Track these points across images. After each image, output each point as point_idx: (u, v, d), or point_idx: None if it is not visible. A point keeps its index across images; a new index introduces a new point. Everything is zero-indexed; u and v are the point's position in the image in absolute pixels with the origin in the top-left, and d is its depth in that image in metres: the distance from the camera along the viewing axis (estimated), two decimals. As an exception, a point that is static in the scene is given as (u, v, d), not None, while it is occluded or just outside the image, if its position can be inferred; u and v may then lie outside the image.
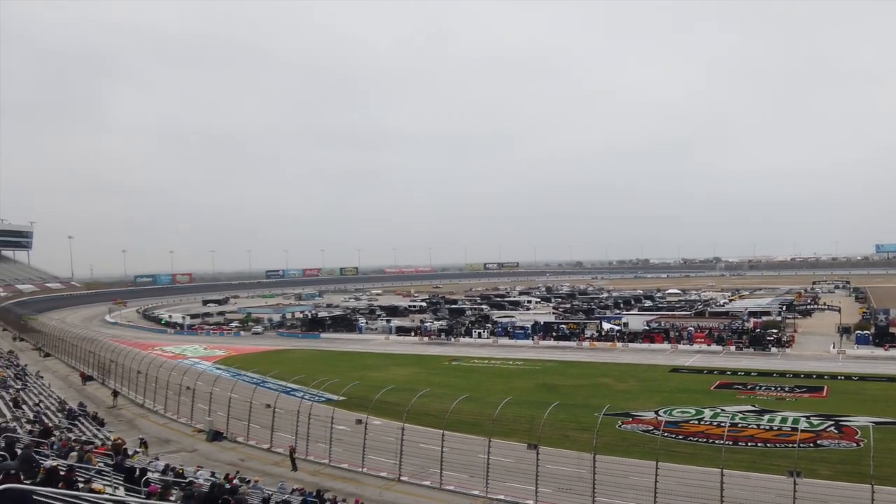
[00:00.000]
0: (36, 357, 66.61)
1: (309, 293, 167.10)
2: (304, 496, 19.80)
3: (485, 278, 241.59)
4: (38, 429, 26.38)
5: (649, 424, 32.18)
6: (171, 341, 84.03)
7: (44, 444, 20.65)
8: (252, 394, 35.63)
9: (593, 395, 40.56)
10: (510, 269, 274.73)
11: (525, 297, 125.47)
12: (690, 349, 60.25)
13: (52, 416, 34.03)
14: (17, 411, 32.67)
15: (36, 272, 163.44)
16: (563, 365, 54.45)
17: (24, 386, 42.10)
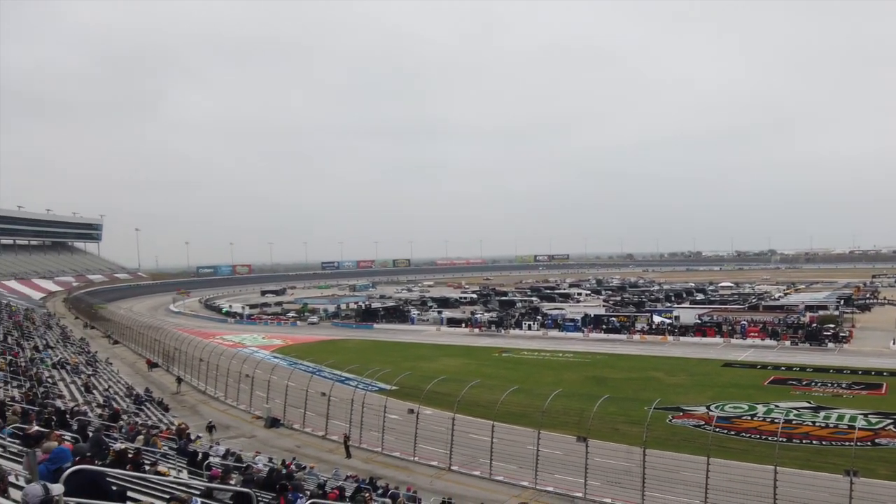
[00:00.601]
0: (105, 344, 68.73)
1: (363, 284, 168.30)
2: (357, 483, 20.15)
3: (535, 270, 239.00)
4: (107, 413, 27.40)
5: (701, 419, 31.69)
6: (232, 330, 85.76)
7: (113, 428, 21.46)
8: (308, 382, 36.29)
9: (643, 388, 40.09)
10: (560, 262, 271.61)
11: (575, 289, 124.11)
12: (743, 343, 58.87)
13: (120, 401, 35.25)
14: (88, 396, 33.95)
15: (105, 263, 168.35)
16: (613, 358, 53.90)
17: (94, 372, 43.60)
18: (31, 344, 46.36)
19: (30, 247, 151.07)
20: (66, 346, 53.70)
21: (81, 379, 38.77)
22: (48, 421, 17.08)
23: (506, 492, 23.87)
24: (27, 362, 36.88)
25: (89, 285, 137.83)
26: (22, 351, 41.09)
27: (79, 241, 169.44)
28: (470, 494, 23.46)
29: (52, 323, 71.01)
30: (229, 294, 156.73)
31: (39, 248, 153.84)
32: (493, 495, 23.31)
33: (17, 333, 49.75)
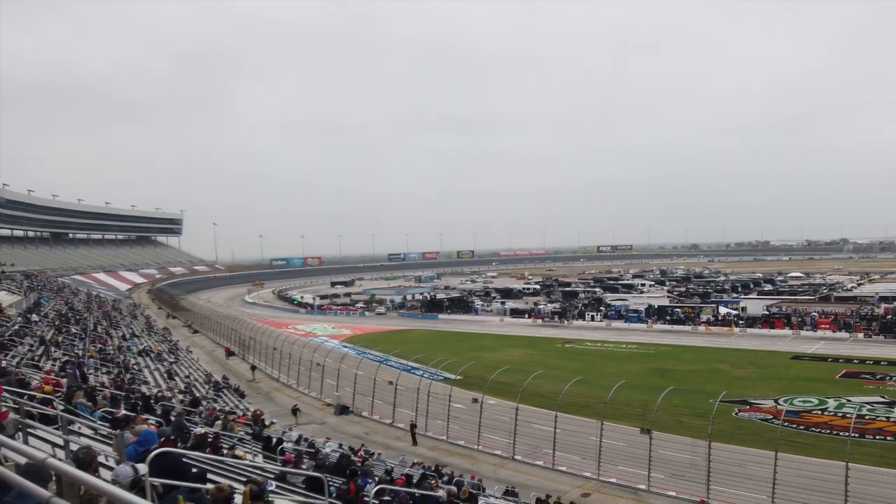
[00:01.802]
0: (186, 333, 71.14)
1: (428, 276, 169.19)
2: (423, 470, 20.36)
3: (598, 261, 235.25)
4: (188, 398, 28.42)
5: (768, 413, 30.76)
6: (303, 320, 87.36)
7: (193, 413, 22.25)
8: (376, 371, 36.76)
9: (708, 380, 39.14)
10: (624, 252, 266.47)
11: (639, 280, 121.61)
12: (814, 335, 56.64)
13: (199, 388, 36.50)
14: (170, 382, 35.28)
15: (185, 256, 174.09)
16: (677, 349, 52.73)
17: (176, 360, 45.20)
18: (118, 333, 48.34)
19: (116, 241, 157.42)
20: (151, 335, 55.80)
21: (164, 366, 40.26)
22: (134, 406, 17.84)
23: (569, 482, 23.75)
24: (115, 350, 38.48)
25: (171, 277, 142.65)
26: (110, 339, 42.88)
27: (161, 235, 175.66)
28: (533, 484, 23.43)
29: (138, 313, 73.81)
30: (301, 285, 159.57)
31: (125, 242, 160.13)
32: (556, 485, 23.21)
33: (107, 323, 51.94)
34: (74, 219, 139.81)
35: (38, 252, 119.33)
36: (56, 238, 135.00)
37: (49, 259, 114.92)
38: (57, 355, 26.96)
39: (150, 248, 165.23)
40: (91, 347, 34.73)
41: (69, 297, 63.83)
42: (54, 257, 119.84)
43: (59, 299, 56.39)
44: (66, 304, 53.74)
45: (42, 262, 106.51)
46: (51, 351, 27.59)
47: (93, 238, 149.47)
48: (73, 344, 33.57)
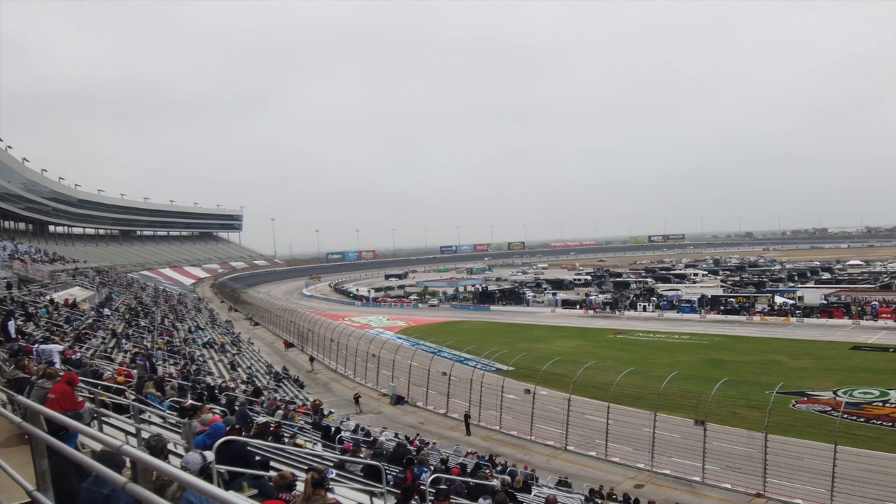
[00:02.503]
0: (247, 326, 72.73)
1: (479, 267, 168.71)
2: (477, 459, 20.46)
3: (649, 251, 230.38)
4: (250, 389, 29.14)
5: (827, 405, 29.84)
6: (359, 312, 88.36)
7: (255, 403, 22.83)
8: (430, 362, 36.99)
9: (764, 371, 38.14)
10: (675, 242, 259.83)
11: (691, 269, 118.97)
12: (875, 325, 54.52)
13: (261, 378, 37.35)
14: (233, 373, 36.19)
15: (245, 251, 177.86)
16: (731, 340, 51.52)
17: (238, 351, 46.33)
18: (184, 326, 49.76)
19: (181, 237, 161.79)
20: (214, 328, 57.30)
21: (227, 357, 41.31)
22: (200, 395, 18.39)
23: (622, 473, 23.56)
24: (181, 342, 39.66)
25: (232, 272, 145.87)
26: (177, 332, 44.17)
27: (222, 231, 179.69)
28: (586, 475, 23.31)
29: (202, 306, 75.81)
30: (356, 278, 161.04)
31: (189, 238, 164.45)
32: (609, 476, 23.04)
33: (173, 316, 53.51)
34: (141, 217, 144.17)
35: (109, 249, 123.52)
36: (125, 235, 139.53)
37: (118, 255, 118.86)
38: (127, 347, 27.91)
39: (212, 244, 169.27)
40: (159, 340, 35.87)
41: (138, 291, 65.95)
42: (123, 254, 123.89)
43: (128, 294, 58.32)
44: (135, 299, 55.55)
45: (112, 258, 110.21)
46: (122, 343, 28.58)
47: (158, 235, 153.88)
48: (143, 336, 34.71)
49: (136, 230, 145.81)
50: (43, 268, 51.55)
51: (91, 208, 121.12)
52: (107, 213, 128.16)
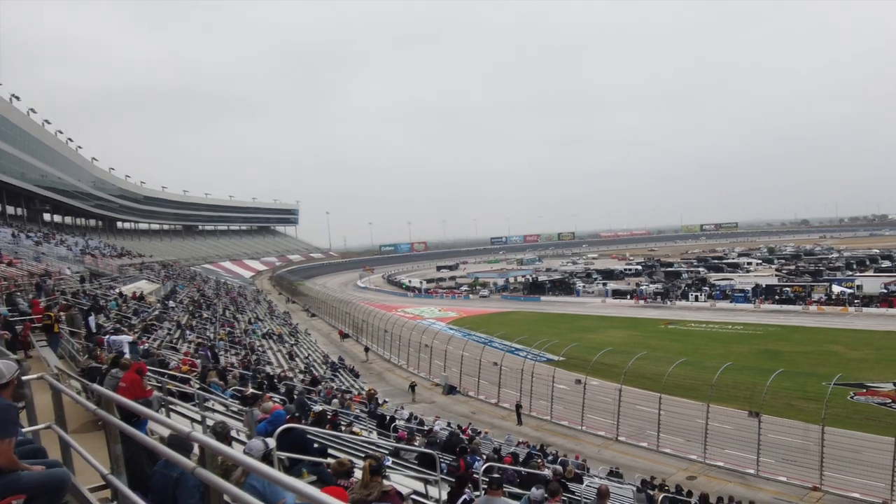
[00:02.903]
0: (304, 317, 73.94)
1: (529, 258, 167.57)
2: (529, 449, 20.46)
3: (701, 240, 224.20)
4: (308, 378, 29.69)
5: (887, 397, 28.80)
6: (411, 303, 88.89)
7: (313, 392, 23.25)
8: (481, 352, 37.08)
9: (821, 363, 36.99)
10: (728, 230, 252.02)
11: (745, 258, 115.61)
12: (938, 315, 52.36)
13: (318, 368, 38.00)
14: (291, 363, 36.92)
15: (302, 244, 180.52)
16: (786, 330, 50.09)
17: (296, 342, 47.19)
18: (244, 317, 50.93)
19: (240, 231, 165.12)
20: (273, 319, 58.47)
21: (286, 348, 42.14)
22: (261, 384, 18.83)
23: (674, 464, 23.24)
24: (242, 333, 40.60)
25: (289, 264, 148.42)
26: (237, 323, 45.24)
27: (279, 224, 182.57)
28: (637, 465, 23.08)
29: (261, 298, 77.42)
30: (408, 270, 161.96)
31: (248, 232, 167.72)
32: (661, 467, 22.76)
33: (234, 308, 54.81)
34: (202, 212, 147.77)
35: (173, 243, 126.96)
36: (187, 230, 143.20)
37: (182, 250, 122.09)
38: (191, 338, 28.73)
39: (269, 238, 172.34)
40: (221, 331, 36.81)
41: (200, 284, 67.75)
42: (186, 248, 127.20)
43: (191, 287, 59.96)
44: (198, 291, 57.09)
45: (176, 252, 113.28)
46: (186, 334, 29.43)
47: (219, 229, 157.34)
48: (205, 328, 35.68)
49: (197, 225, 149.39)
50: (112, 262, 53.38)
51: (156, 204, 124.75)
52: (170, 209, 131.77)
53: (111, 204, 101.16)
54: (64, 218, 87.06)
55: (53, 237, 58.01)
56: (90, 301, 25.81)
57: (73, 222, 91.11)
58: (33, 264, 34.40)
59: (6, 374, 4.10)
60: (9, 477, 3.84)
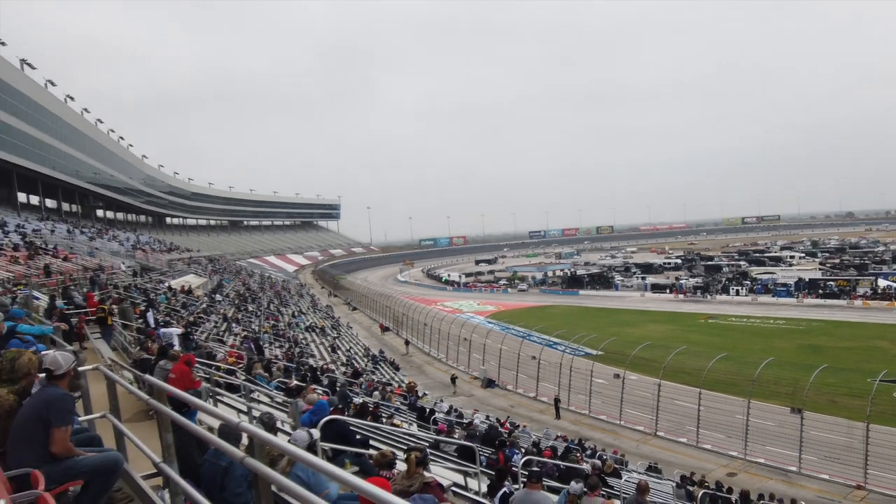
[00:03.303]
0: (346, 310, 74.56)
1: (568, 252, 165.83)
2: (567, 443, 20.34)
3: (742, 233, 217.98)
4: (349, 370, 29.97)
5: (934, 394, 27.90)
6: (450, 297, 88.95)
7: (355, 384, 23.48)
8: (519, 346, 36.91)
9: (866, 358, 35.87)
10: (770, 223, 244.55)
11: (787, 251, 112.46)
12: None
13: (359, 360, 38.33)
14: (333, 355, 37.32)
15: (343, 238, 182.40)
16: (830, 325, 48.64)
17: (338, 335, 47.69)
18: (288, 311, 51.64)
19: (284, 226, 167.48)
20: (315, 313, 59.17)
21: (328, 341, 42.59)
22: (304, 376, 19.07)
23: (713, 461, 22.85)
24: (286, 326, 41.19)
25: (331, 259, 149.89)
26: (281, 316, 45.91)
27: (322, 220, 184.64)
28: (676, 461, 22.75)
29: (304, 292, 78.40)
30: (447, 264, 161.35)
31: (291, 227, 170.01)
32: (700, 463, 22.41)
33: (278, 301, 55.63)
34: (248, 207, 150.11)
35: (219, 238, 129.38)
36: (233, 225, 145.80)
37: (227, 244, 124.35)
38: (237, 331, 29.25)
39: (312, 232, 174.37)
40: (265, 324, 37.39)
41: (246, 278, 68.89)
42: (232, 243, 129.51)
43: (237, 281, 61.02)
44: (243, 285, 58.08)
45: (222, 247, 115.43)
46: (232, 327, 29.98)
47: (263, 224, 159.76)
48: (251, 321, 36.29)
49: (243, 220, 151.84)
50: (161, 257, 54.63)
51: (203, 200, 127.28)
52: (217, 204, 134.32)
53: (160, 200, 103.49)
54: (116, 214, 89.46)
55: (106, 233, 59.60)
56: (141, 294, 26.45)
57: (124, 218, 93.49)
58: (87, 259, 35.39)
59: (63, 366, 4.22)
60: (66, 463, 3.96)
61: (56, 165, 57.79)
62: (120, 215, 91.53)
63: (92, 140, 70.63)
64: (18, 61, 51.08)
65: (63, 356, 4.28)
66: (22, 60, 51.60)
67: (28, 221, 44.70)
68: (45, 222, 48.60)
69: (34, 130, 52.38)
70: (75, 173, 63.30)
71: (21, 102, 50.19)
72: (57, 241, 38.41)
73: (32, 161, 51.75)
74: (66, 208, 67.21)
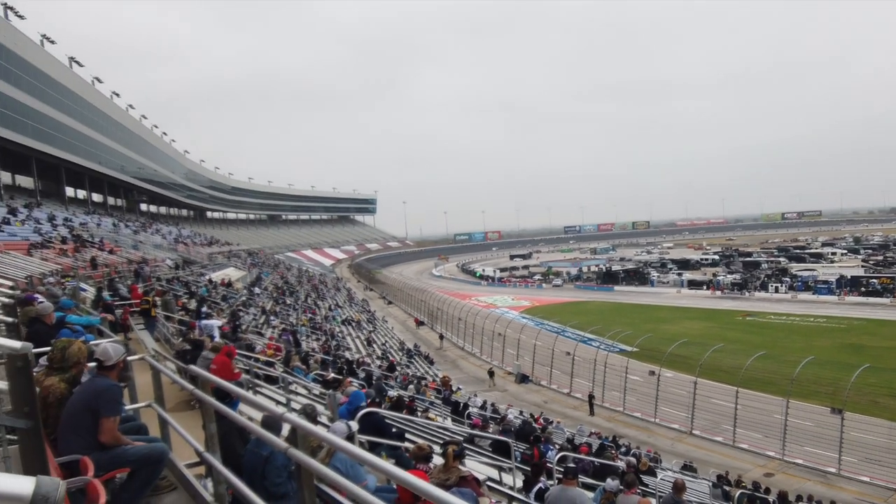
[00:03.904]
0: (381, 304, 74.91)
1: (603, 247, 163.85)
2: (601, 440, 20.16)
3: (782, 229, 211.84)
4: (385, 364, 30.14)
5: (981, 397, 26.98)
6: (485, 292, 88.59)
7: (390, 377, 23.61)
8: (554, 342, 36.72)
9: (910, 359, 34.92)
10: (811, 219, 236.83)
11: (829, 248, 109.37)
12: None
13: (394, 354, 38.53)
14: (369, 349, 37.59)
15: (379, 233, 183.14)
16: (873, 324, 47.17)
17: (373, 328, 48.01)
18: (325, 304, 52.15)
19: (321, 220, 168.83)
20: (351, 306, 59.65)
21: (364, 334, 42.91)
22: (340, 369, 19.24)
23: (750, 461, 22.43)
24: (323, 319, 41.59)
25: (367, 253, 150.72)
26: (318, 310, 46.36)
27: (358, 214, 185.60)
28: (712, 460, 22.40)
29: (340, 286, 79.04)
30: (482, 259, 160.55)
31: (328, 221, 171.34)
32: (737, 463, 22.01)
33: (315, 295, 56.21)
34: (286, 202, 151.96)
35: (258, 232, 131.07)
36: (271, 219, 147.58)
37: (266, 238, 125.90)
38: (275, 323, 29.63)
39: (349, 227, 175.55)
40: (303, 317, 37.81)
41: (284, 272, 69.76)
42: (270, 237, 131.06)
43: (275, 274, 61.81)
44: (281, 279, 58.79)
45: (260, 241, 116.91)
46: (270, 319, 30.37)
47: (301, 219, 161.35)
48: (288, 314, 36.72)
49: (281, 214, 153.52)
50: (202, 250, 55.61)
51: (242, 195, 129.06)
52: (256, 199, 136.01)
53: (202, 195, 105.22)
54: (159, 208, 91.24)
55: (150, 226, 60.86)
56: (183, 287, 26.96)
57: (167, 212, 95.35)
58: (132, 252, 36.20)
59: (114, 357, 4.32)
60: (114, 452, 4.05)
61: (102, 161, 59.20)
62: (163, 209, 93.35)
63: (136, 136, 72.18)
64: (67, 59, 52.41)
65: (114, 348, 4.38)
66: (71, 58, 52.94)
67: (75, 215, 45.87)
68: (91, 216, 49.84)
69: (82, 126, 53.71)
70: (120, 168, 64.75)
71: (70, 99, 51.50)
72: (103, 235, 39.35)
73: (80, 156, 53.08)
74: (112, 202, 68.85)
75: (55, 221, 37.39)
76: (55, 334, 6.83)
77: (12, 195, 45.30)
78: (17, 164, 47.85)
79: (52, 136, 47.41)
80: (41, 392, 3.95)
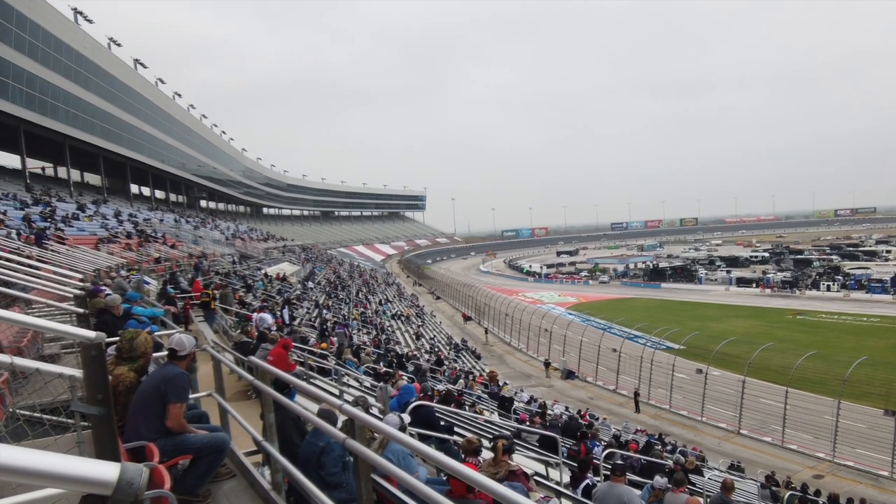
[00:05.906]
0: (430, 299, 75.23)
1: (650, 244, 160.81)
2: (647, 438, 19.82)
3: (835, 226, 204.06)
4: (433, 358, 30.23)
5: None
6: (531, 288, 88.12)
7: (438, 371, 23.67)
8: (600, 338, 36.29)
9: (968, 362, 33.33)
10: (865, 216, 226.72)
11: (883, 245, 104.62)
12: None
13: (442, 348, 38.62)
14: (418, 343, 37.76)
15: (428, 229, 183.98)
16: (931, 326, 45.30)
17: (422, 323, 48.19)
18: (375, 298, 52.60)
19: (372, 217, 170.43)
20: (401, 301, 60.02)
21: (413, 328, 43.09)
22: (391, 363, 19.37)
23: (799, 462, 21.75)
24: (373, 314, 41.96)
25: (416, 249, 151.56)
26: (369, 304, 46.79)
27: (408, 210, 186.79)
28: (760, 460, 21.81)
29: (390, 281, 79.61)
30: (528, 255, 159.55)
31: (379, 217, 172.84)
32: (785, 464, 21.37)
33: (366, 290, 56.75)
34: (338, 199, 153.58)
35: (311, 228, 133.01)
36: (324, 216, 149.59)
37: (319, 234, 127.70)
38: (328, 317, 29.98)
39: (398, 223, 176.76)
40: (354, 311, 38.20)
41: (336, 267, 70.61)
42: (323, 232, 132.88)
43: (328, 269, 62.62)
44: (334, 273, 59.55)
45: (314, 236, 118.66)
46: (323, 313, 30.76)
47: (353, 215, 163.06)
48: (340, 307, 37.14)
49: (333, 211, 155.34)
50: (258, 245, 56.70)
51: (297, 192, 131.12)
52: (310, 195, 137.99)
53: (258, 191, 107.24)
54: (217, 204, 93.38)
55: (209, 222, 62.34)
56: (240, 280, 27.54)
57: (225, 208, 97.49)
58: (192, 247, 37.14)
59: (187, 347, 4.49)
60: (178, 438, 4.16)
61: (165, 159, 60.89)
62: (221, 205, 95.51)
63: (197, 134, 74.00)
64: (132, 61, 54.03)
65: (187, 339, 4.55)
66: (136, 60, 54.56)
67: (139, 211, 47.29)
68: (154, 212, 51.31)
69: (146, 126, 55.36)
70: (181, 166, 66.50)
71: (135, 100, 53.12)
72: (165, 230, 40.47)
73: (144, 155, 54.72)
74: (173, 199, 70.76)
75: (121, 217, 38.57)
76: (122, 325, 7.05)
77: (81, 192, 46.95)
78: (86, 162, 49.53)
79: (118, 136, 48.96)
80: (112, 381, 4.07)
